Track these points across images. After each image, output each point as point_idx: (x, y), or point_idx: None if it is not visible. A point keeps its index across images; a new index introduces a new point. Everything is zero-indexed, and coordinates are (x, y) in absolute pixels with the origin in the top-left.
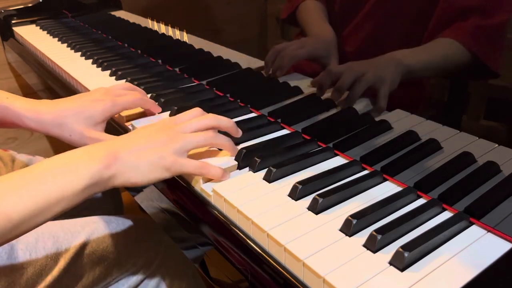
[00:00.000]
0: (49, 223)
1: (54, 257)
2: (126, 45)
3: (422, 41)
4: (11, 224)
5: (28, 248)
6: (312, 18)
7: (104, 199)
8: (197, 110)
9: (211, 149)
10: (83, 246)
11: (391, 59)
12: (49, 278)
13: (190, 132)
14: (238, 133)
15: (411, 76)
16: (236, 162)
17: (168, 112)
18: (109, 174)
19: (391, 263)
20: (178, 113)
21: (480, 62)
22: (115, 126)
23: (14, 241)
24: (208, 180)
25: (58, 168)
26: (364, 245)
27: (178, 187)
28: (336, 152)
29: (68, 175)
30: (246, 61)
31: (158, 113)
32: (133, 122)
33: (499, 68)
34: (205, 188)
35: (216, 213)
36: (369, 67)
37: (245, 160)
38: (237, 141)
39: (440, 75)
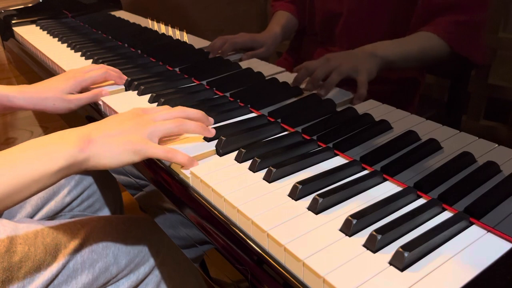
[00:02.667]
0: (49, 221)
1: (53, 253)
2: (126, 45)
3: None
4: None
5: (27, 243)
6: (271, 22)
7: (104, 199)
8: (165, 106)
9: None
10: (83, 243)
11: (366, 50)
12: (47, 273)
13: (159, 120)
14: (209, 121)
15: (390, 66)
16: (236, 162)
17: None
18: (83, 157)
19: (391, 263)
20: None
21: (459, 54)
22: None
23: (13, 235)
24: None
25: (34, 151)
26: (364, 245)
27: (175, 184)
28: (336, 152)
29: (43, 157)
30: (246, 61)
31: None
32: (103, 98)
33: (481, 59)
34: (205, 185)
35: (216, 212)
36: (344, 59)
37: (245, 160)
38: (239, 144)
39: (420, 66)
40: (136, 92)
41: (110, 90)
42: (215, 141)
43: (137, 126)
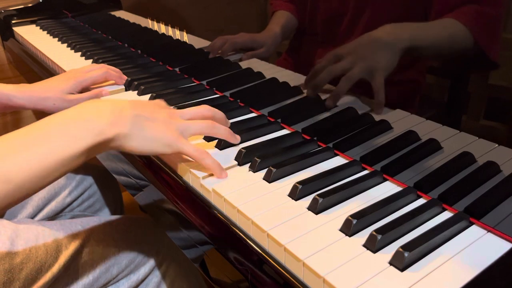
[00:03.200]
0: (50, 222)
1: (54, 254)
2: (126, 45)
3: None
4: (12, 185)
5: (28, 244)
6: (270, 22)
7: (105, 200)
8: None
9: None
10: (83, 244)
11: (386, 34)
12: (48, 275)
13: (188, 118)
14: (228, 123)
15: (412, 55)
16: (236, 162)
17: None
18: (113, 133)
19: (391, 263)
20: None
21: (479, 50)
22: None
23: (14, 236)
24: (209, 176)
25: (65, 125)
26: (364, 245)
27: (177, 184)
28: (336, 152)
29: (75, 131)
30: (246, 61)
31: None
32: (103, 98)
33: (496, 58)
34: (205, 185)
35: (216, 212)
36: (354, 54)
37: (245, 160)
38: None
39: (441, 58)
40: (136, 92)
41: (110, 90)
42: (215, 141)
43: (171, 118)
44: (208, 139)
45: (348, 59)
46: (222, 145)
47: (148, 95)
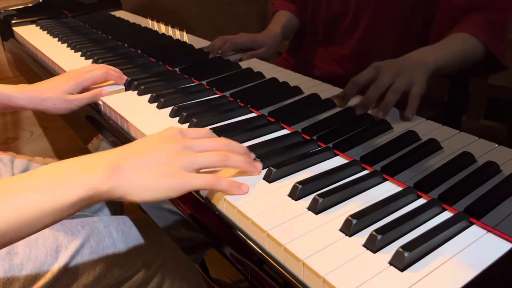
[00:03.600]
0: None
1: (54, 254)
2: (126, 45)
3: (423, 39)
4: None
5: (28, 245)
6: (271, 22)
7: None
8: (207, 130)
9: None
10: (83, 244)
11: (419, 59)
12: (48, 275)
13: (198, 150)
14: (251, 156)
15: (436, 75)
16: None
17: (168, 110)
18: (108, 187)
19: (391, 263)
20: (179, 113)
21: (490, 56)
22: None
23: None
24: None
25: (54, 177)
26: (364, 245)
27: None
28: (336, 152)
29: (64, 185)
30: (246, 61)
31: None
32: (103, 98)
33: (506, 60)
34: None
35: (216, 213)
36: (398, 71)
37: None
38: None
39: (458, 72)
40: (136, 92)
41: (110, 90)
42: None
43: (174, 155)
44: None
45: (390, 73)
46: None
47: (148, 95)
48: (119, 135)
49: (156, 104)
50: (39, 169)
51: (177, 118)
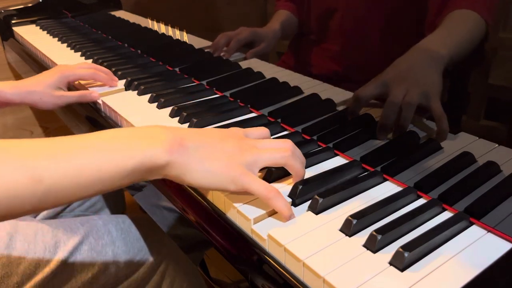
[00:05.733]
0: (49, 220)
1: (53, 250)
2: (126, 45)
3: (418, 21)
4: (43, 187)
5: (27, 240)
6: (271, 20)
7: (106, 200)
8: (267, 130)
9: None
10: (82, 241)
11: (428, 55)
12: (46, 270)
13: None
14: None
15: (449, 63)
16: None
17: (168, 110)
18: (165, 161)
19: (391, 263)
20: (179, 113)
21: (487, 26)
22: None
23: (13, 232)
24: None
25: (114, 142)
26: (364, 245)
27: (182, 189)
28: (336, 152)
29: (124, 149)
30: (246, 61)
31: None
32: (103, 98)
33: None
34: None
35: (216, 213)
36: (409, 79)
37: None
38: None
39: (465, 58)
40: (136, 92)
41: (108, 90)
42: None
43: (240, 149)
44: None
45: (398, 86)
46: None
47: (148, 95)
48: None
49: (156, 104)
50: (97, 132)
51: (177, 118)
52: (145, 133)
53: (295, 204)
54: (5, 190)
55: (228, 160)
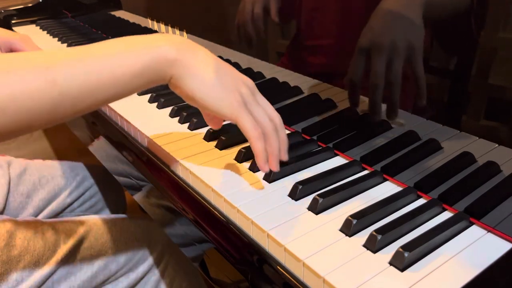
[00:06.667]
0: (50, 219)
1: (52, 248)
2: None
3: None
4: (58, 88)
5: (27, 238)
6: None
7: (107, 200)
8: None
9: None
10: (81, 239)
11: (399, 8)
12: (46, 268)
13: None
14: (284, 157)
15: (429, 18)
16: (235, 162)
17: (168, 110)
18: (175, 56)
19: (391, 263)
20: (179, 113)
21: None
22: None
23: (13, 230)
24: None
25: (124, 44)
26: (364, 245)
27: (182, 189)
28: (336, 152)
29: (135, 49)
30: (246, 61)
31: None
32: None
33: None
34: (205, 181)
35: (216, 213)
36: (388, 44)
37: (245, 160)
38: (238, 142)
39: (447, 10)
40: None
41: None
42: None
43: (243, 85)
44: (209, 138)
45: (380, 54)
46: (222, 145)
47: (148, 95)
48: (119, 135)
49: (156, 104)
50: (107, 40)
51: (177, 118)
52: (159, 35)
53: (295, 199)
54: (21, 93)
55: (234, 87)
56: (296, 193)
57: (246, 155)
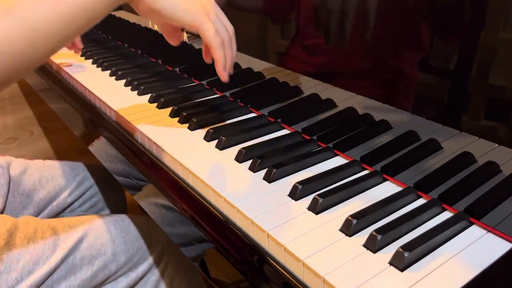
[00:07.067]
0: (50, 219)
1: (52, 247)
2: (126, 45)
3: None
4: (29, 27)
5: (27, 237)
6: None
7: (107, 200)
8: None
9: None
10: (81, 239)
11: None
12: (45, 267)
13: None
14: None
15: None
16: (235, 162)
17: (168, 110)
18: None
19: (391, 263)
20: (179, 113)
21: None
22: None
23: (13, 229)
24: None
25: None
26: (364, 245)
27: (179, 187)
28: (336, 152)
29: None
30: (246, 61)
31: None
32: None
33: None
34: (206, 180)
35: (216, 213)
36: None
37: (245, 159)
38: (238, 142)
39: None
40: (136, 92)
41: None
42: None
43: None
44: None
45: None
46: (222, 145)
47: (148, 95)
48: (119, 135)
49: (156, 104)
50: None
51: (177, 118)
52: None
53: (295, 199)
54: None
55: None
56: (296, 193)
57: (246, 155)
